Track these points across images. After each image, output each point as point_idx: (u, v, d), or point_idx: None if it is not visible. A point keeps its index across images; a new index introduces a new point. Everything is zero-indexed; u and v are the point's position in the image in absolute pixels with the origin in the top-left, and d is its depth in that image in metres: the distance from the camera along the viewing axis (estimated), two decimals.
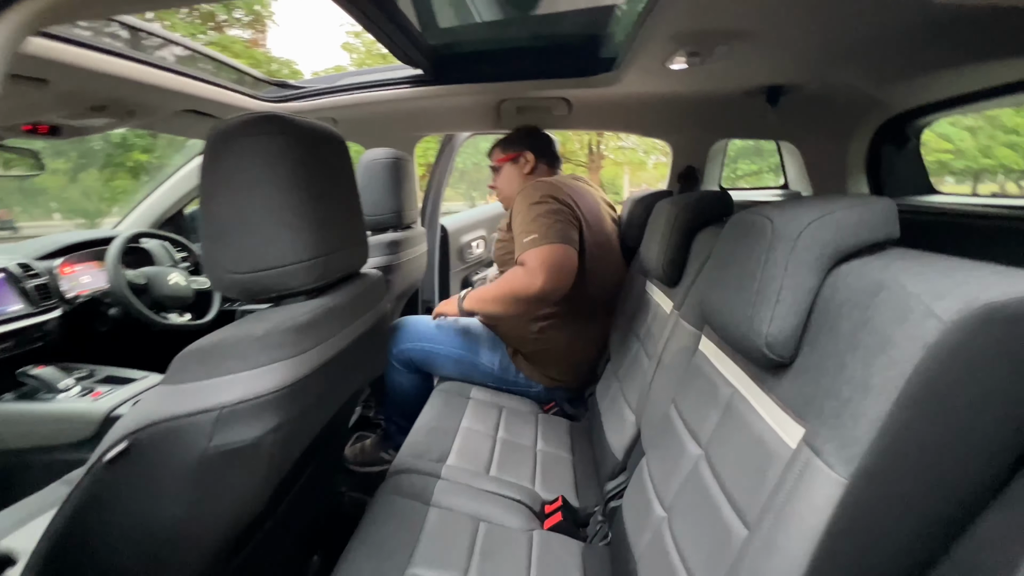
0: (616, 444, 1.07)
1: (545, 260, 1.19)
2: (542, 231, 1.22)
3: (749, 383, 0.63)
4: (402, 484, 0.99)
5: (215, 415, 0.53)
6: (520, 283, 1.22)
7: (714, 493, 0.62)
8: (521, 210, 1.30)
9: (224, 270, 0.62)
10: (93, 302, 1.53)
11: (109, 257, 1.46)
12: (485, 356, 1.46)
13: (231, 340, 0.56)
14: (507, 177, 1.55)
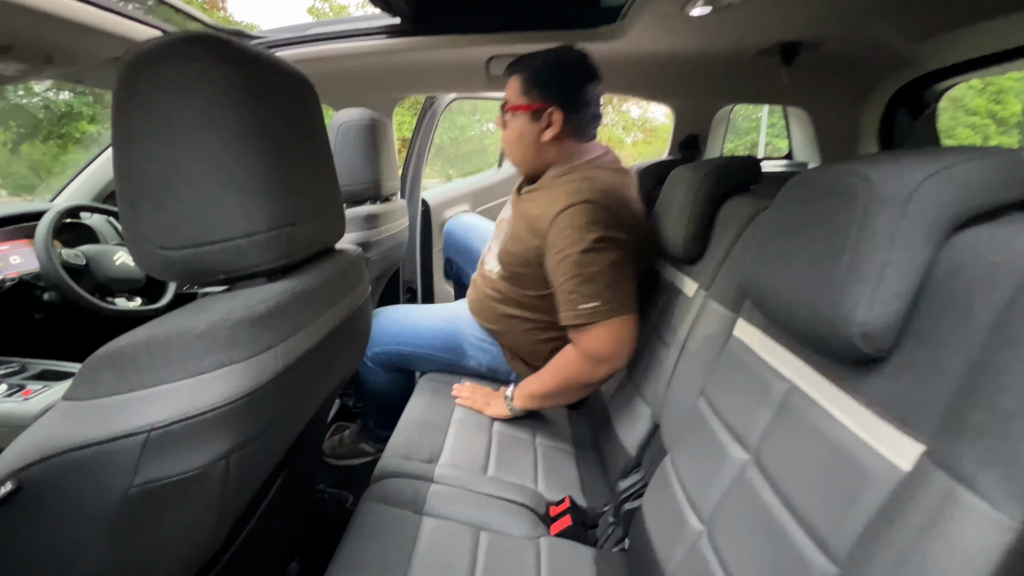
0: (628, 439, 0.97)
1: (612, 340, 0.94)
2: (606, 296, 0.92)
3: (817, 379, 0.53)
4: (389, 490, 0.87)
5: (141, 440, 0.39)
6: (580, 373, 0.99)
7: (777, 513, 0.51)
8: (567, 251, 0.94)
9: (151, 244, 0.47)
10: (24, 286, 1.33)
11: (38, 234, 1.26)
12: (472, 358, 1.27)
13: (161, 338, 0.41)
14: (517, 133, 1.08)
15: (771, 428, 0.57)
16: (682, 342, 0.84)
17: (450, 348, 1.26)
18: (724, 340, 0.74)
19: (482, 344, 1.26)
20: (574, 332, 0.99)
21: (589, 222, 0.93)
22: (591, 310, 0.93)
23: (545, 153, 1.08)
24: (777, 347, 0.61)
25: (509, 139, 1.11)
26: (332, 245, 0.68)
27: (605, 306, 0.93)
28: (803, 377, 0.55)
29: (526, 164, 1.12)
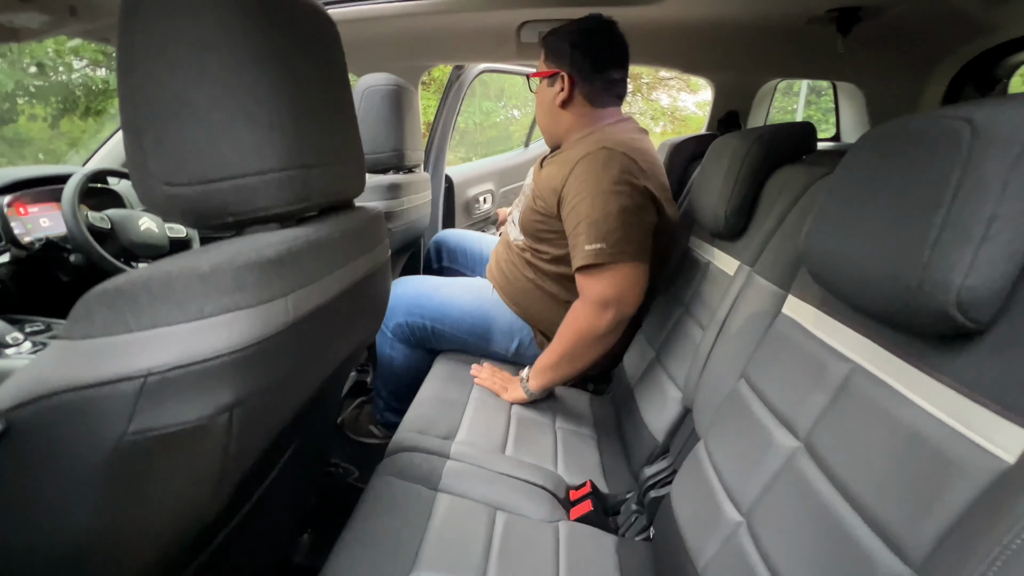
0: (655, 424, 0.91)
1: (617, 283, 0.93)
2: (612, 239, 0.92)
3: (887, 358, 0.46)
4: (404, 465, 0.84)
5: (137, 385, 0.36)
6: (586, 323, 0.97)
7: (834, 506, 0.46)
8: (582, 194, 0.94)
9: (155, 180, 0.43)
10: (53, 247, 1.34)
11: (65, 196, 1.26)
12: (498, 344, 1.22)
13: (161, 277, 0.38)
14: (540, 100, 1.12)
15: (827, 413, 0.51)
16: (721, 322, 0.78)
17: (476, 332, 1.21)
18: (771, 319, 0.68)
19: (511, 329, 1.20)
20: (581, 279, 0.98)
21: (603, 167, 0.95)
22: (595, 251, 0.93)
23: (560, 118, 1.10)
24: (836, 325, 0.55)
25: (538, 107, 1.15)
26: (350, 200, 0.64)
27: (610, 249, 0.92)
28: (869, 356, 0.49)
29: (549, 130, 1.15)
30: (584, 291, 0.98)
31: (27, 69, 6.41)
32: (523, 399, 1.10)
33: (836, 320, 0.55)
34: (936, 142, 0.40)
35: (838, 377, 0.52)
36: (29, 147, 6.92)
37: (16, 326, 1.13)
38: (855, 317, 0.53)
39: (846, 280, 0.49)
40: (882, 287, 0.43)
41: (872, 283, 0.44)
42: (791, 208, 0.71)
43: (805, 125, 0.84)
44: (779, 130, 0.83)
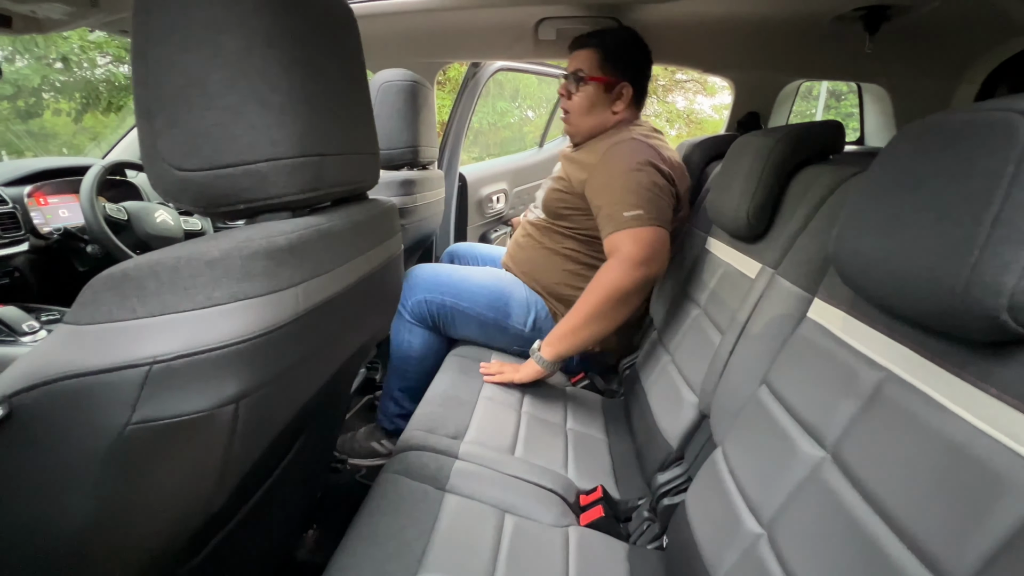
0: (669, 429, 0.89)
1: (651, 243, 1.01)
2: (646, 206, 1.01)
3: (925, 366, 0.44)
4: (412, 463, 0.82)
5: (141, 373, 0.35)
6: (618, 279, 1.01)
7: (865, 521, 0.43)
8: (613, 172, 1.06)
9: (167, 164, 0.42)
10: (70, 238, 1.35)
11: (83, 187, 1.27)
12: (516, 317, 1.23)
13: (169, 263, 0.37)
14: (589, 103, 1.19)
15: (857, 423, 0.49)
16: (741, 325, 0.75)
17: (494, 306, 1.23)
18: (795, 323, 0.65)
19: (527, 302, 1.23)
20: (613, 239, 1.04)
21: (633, 151, 1.07)
22: (633, 216, 1.01)
23: (608, 122, 1.20)
24: (867, 330, 0.52)
25: (579, 107, 1.20)
26: (364, 191, 0.62)
27: (647, 214, 1.01)
28: (903, 364, 0.46)
29: (590, 131, 1.21)
30: (619, 251, 1.03)
31: (53, 64, 6.56)
32: (538, 372, 1.11)
33: (867, 325, 0.52)
34: (986, 136, 0.37)
35: (869, 385, 0.49)
36: (54, 141, 7.07)
37: (32, 314, 1.14)
38: (888, 322, 0.50)
39: (880, 282, 0.46)
40: (922, 290, 0.40)
41: (910, 286, 0.42)
42: (818, 208, 0.68)
43: (833, 124, 0.81)
44: (805, 128, 0.80)
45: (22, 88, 6.25)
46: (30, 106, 6.78)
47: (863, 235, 0.48)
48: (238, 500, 0.54)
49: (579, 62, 1.18)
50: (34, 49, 6.03)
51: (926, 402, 0.42)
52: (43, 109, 6.89)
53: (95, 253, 1.32)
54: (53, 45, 6.10)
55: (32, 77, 6.35)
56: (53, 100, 6.97)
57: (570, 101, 1.21)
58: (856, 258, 0.49)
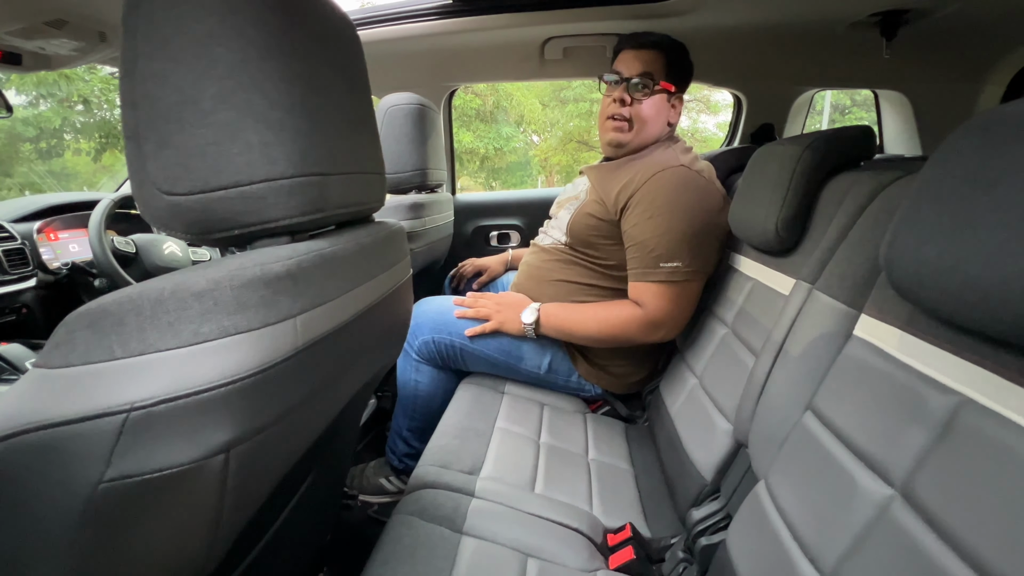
0: (703, 460, 0.82)
1: (678, 303, 0.96)
2: (686, 258, 0.94)
3: (1010, 389, 0.38)
4: (426, 503, 0.77)
5: (118, 422, 0.31)
6: (636, 334, 0.98)
7: (950, 569, 0.37)
8: (658, 208, 0.95)
9: (156, 189, 0.39)
10: (78, 272, 1.34)
11: (92, 221, 1.26)
12: (530, 360, 1.15)
13: (153, 295, 0.33)
14: (655, 112, 1.06)
15: (930, 455, 0.43)
16: (778, 346, 0.69)
17: (506, 350, 1.14)
18: (841, 342, 0.59)
19: (541, 345, 1.14)
20: (642, 290, 0.98)
21: (683, 185, 0.97)
22: (670, 269, 0.94)
23: (660, 132, 1.10)
24: (931, 349, 0.47)
25: (647, 115, 1.07)
26: (370, 213, 0.59)
27: (686, 268, 0.95)
28: (982, 387, 0.40)
29: (648, 140, 1.10)
30: (644, 302, 0.98)
31: (74, 106, 6.82)
32: (520, 331, 1.08)
33: (930, 343, 0.47)
34: None
35: (941, 411, 0.43)
36: (75, 180, 7.29)
37: (36, 351, 1.12)
38: (955, 338, 0.44)
39: (950, 294, 0.41)
40: (1009, 301, 0.35)
41: (992, 297, 0.36)
42: (857, 217, 0.63)
43: (864, 128, 0.77)
44: (834, 134, 0.76)
45: (44, 130, 6.49)
46: (52, 147, 7.03)
47: (925, 242, 0.43)
48: (236, 556, 0.49)
49: (646, 64, 1.04)
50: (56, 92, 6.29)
51: (1018, 431, 0.37)
52: (64, 149, 7.14)
53: (102, 287, 1.31)
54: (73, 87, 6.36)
55: (54, 119, 6.60)
56: (74, 141, 7.22)
57: (631, 107, 1.06)
58: (915, 268, 0.44)
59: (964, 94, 1.20)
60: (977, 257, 0.37)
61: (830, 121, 9.43)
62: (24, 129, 6.19)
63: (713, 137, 10.28)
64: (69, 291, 1.35)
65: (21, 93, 5.82)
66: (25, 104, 6.09)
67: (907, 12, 1.08)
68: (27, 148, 6.56)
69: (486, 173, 10.24)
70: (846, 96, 8.50)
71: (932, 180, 0.44)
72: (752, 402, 0.72)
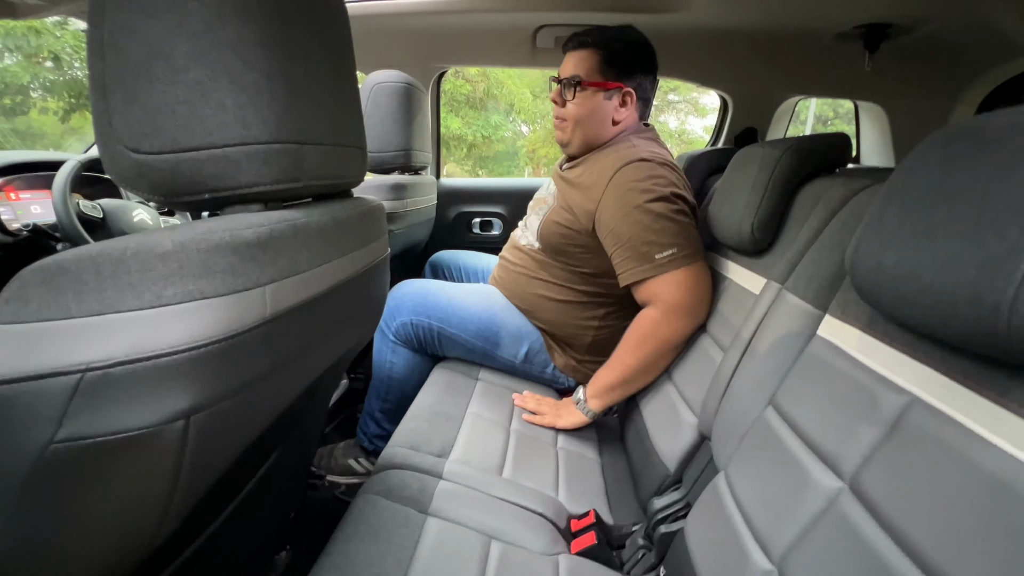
0: (666, 451, 0.84)
1: (695, 285, 0.90)
2: (681, 242, 0.90)
3: (956, 390, 0.40)
4: (392, 483, 0.77)
5: (71, 382, 0.30)
6: (671, 332, 0.91)
7: (891, 560, 0.39)
8: (630, 204, 0.92)
9: (122, 147, 0.37)
10: (40, 235, 1.28)
11: (56, 183, 1.20)
12: (507, 348, 1.15)
13: (114, 255, 0.32)
14: (588, 111, 1.04)
15: (878, 451, 0.45)
16: (745, 343, 0.71)
17: (483, 335, 1.14)
18: (804, 341, 0.61)
19: (519, 334, 1.14)
20: (651, 286, 0.93)
21: (648, 175, 0.94)
22: (669, 257, 0.90)
23: (610, 131, 1.07)
24: (887, 350, 0.49)
25: (576, 114, 1.06)
26: (348, 188, 0.58)
27: (683, 251, 0.90)
28: (932, 388, 0.42)
29: (590, 141, 1.08)
30: (661, 300, 0.92)
31: (43, 63, 6.47)
32: (583, 422, 1.03)
33: (887, 344, 0.49)
34: None
35: (892, 410, 0.45)
36: (40, 141, 6.94)
37: None
38: (911, 341, 0.46)
39: (907, 299, 0.42)
40: (958, 308, 0.37)
41: (943, 303, 0.38)
42: (828, 221, 0.65)
43: (841, 136, 0.79)
44: (812, 140, 0.78)
45: (9, 85, 6.14)
46: (16, 104, 6.66)
47: (887, 248, 0.45)
48: (193, 528, 0.48)
49: (575, 65, 1.05)
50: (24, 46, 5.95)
51: (960, 431, 0.38)
52: (30, 107, 6.78)
53: None
54: (44, 43, 6.03)
55: (21, 75, 6.25)
56: (41, 99, 6.86)
57: (563, 108, 1.07)
58: (878, 273, 0.46)
59: (938, 111, 1.24)
60: (932, 265, 0.39)
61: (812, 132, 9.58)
62: None
63: (700, 140, 10.39)
64: (28, 254, 1.29)
65: None
66: None
67: (890, 27, 1.11)
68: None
69: (473, 161, 10.14)
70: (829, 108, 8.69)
71: (897, 189, 0.46)
72: (717, 397, 0.74)
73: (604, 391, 1.00)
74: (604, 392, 1.01)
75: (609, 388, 1.00)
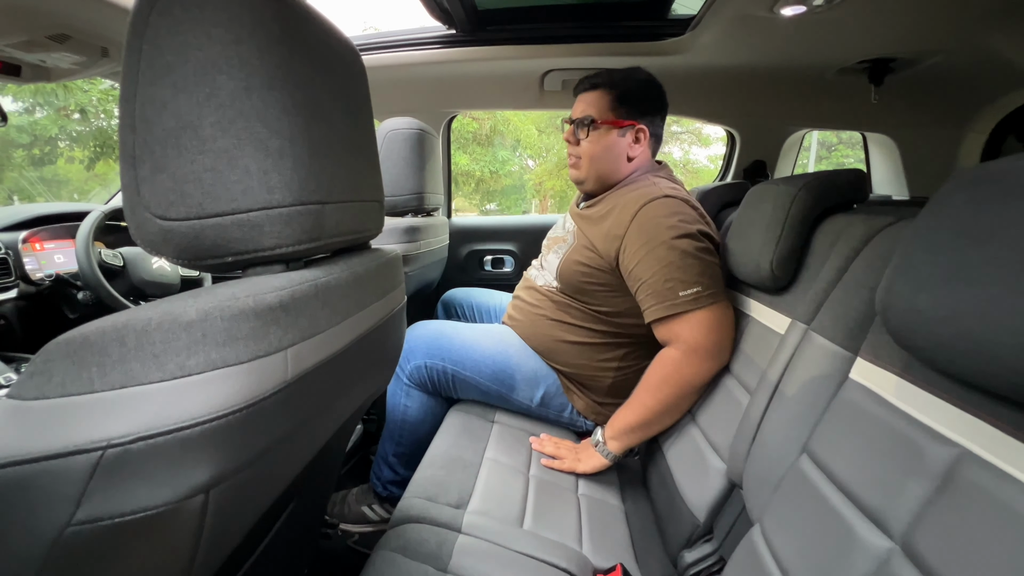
0: (695, 499, 0.80)
1: (718, 327, 0.88)
2: (705, 282, 0.89)
3: (1009, 443, 0.38)
4: (410, 539, 0.74)
5: (91, 460, 0.29)
6: (693, 374, 0.89)
7: None
8: (655, 240, 0.92)
9: (149, 213, 0.38)
10: (63, 284, 1.31)
11: (80, 232, 1.24)
12: (522, 392, 1.12)
13: (138, 325, 0.32)
14: (604, 147, 1.06)
15: (930, 509, 0.42)
16: (773, 385, 0.69)
17: (499, 379, 1.11)
18: (836, 384, 0.59)
19: (536, 376, 1.12)
20: (672, 326, 0.91)
21: (672, 213, 0.94)
22: (693, 296, 0.89)
23: (625, 168, 1.09)
24: (928, 397, 0.46)
25: (591, 152, 1.08)
26: (367, 241, 0.58)
27: (707, 291, 0.89)
28: (984, 441, 0.40)
29: (605, 178, 1.10)
30: (683, 341, 0.90)
31: (71, 115, 6.81)
32: (604, 466, 1.00)
33: (927, 391, 0.46)
34: None
35: (941, 463, 0.43)
36: (65, 187, 7.25)
37: (12, 365, 1.08)
38: (954, 388, 0.44)
39: (946, 345, 0.41)
40: (1004, 357, 0.35)
41: (986, 350, 0.36)
42: (851, 260, 0.64)
43: (857, 172, 0.79)
44: (829, 176, 0.77)
45: (39, 137, 6.46)
46: (45, 154, 6.99)
47: (920, 291, 0.43)
48: None
49: (587, 105, 1.07)
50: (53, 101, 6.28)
51: (1013, 484, 0.36)
52: (57, 157, 7.10)
53: (86, 300, 1.28)
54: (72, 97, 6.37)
55: (50, 127, 6.58)
56: (68, 148, 7.20)
57: (578, 147, 1.09)
58: (913, 317, 0.44)
59: (947, 140, 1.24)
60: (970, 310, 0.38)
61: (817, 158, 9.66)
62: (18, 136, 6.16)
63: (704, 169, 10.51)
64: (50, 303, 1.31)
65: (18, 100, 5.81)
66: (21, 111, 6.08)
67: (893, 60, 1.12)
68: (19, 154, 6.52)
69: (481, 195, 10.34)
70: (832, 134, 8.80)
71: (925, 230, 0.45)
72: (747, 442, 0.71)
73: (623, 432, 0.97)
74: (623, 434, 0.97)
75: (628, 430, 0.97)
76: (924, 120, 1.27)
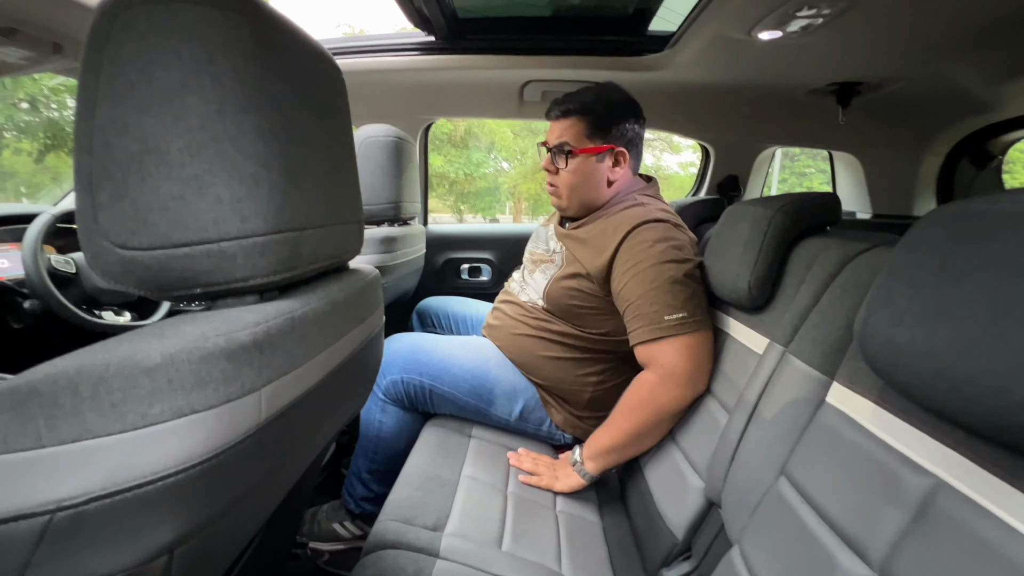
0: (674, 517, 0.81)
1: (698, 354, 0.88)
2: (690, 308, 0.89)
3: (983, 477, 0.39)
4: (386, 566, 0.71)
5: (39, 525, 0.26)
6: (669, 399, 0.89)
7: None
8: (645, 262, 0.92)
9: (107, 242, 0.35)
10: (6, 292, 1.22)
11: (27, 237, 1.16)
12: (500, 407, 1.11)
13: (94, 372, 0.29)
14: (583, 175, 1.05)
15: (907, 538, 0.43)
16: (751, 405, 0.70)
17: (478, 393, 1.10)
18: (813, 408, 0.60)
19: (514, 391, 1.10)
20: (653, 349, 0.91)
21: (662, 237, 0.94)
22: (677, 321, 0.89)
23: (606, 193, 1.08)
24: (903, 425, 0.48)
25: (571, 181, 1.07)
26: (345, 263, 0.56)
27: (691, 318, 0.89)
28: (959, 473, 0.41)
29: (588, 204, 1.09)
30: (661, 364, 0.90)
31: (19, 104, 6.40)
32: (581, 486, 0.99)
33: (903, 420, 0.48)
34: None
35: (917, 493, 0.44)
36: (11, 180, 6.80)
37: None
38: (929, 419, 0.45)
39: (922, 380, 0.42)
40: (981, 398, 0.36)
41: (964, 388, 0.37)
42: (827, 284, 0.65)
43: (830, 196, 0.81)
44: (803, 199, 0.79)
45: None
46: None
47: (897, 324, 0.44)
48: None
49: (562, 132, 1.05)
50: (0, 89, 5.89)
51: (994, 523, 0.37)
52: (2, 148, 6.66)
53: (33, 309, 1.19)
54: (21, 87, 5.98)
55: None
56: (15, 140, 6.76)
57: (556, 176, 1.07)
58: (890, 349, 0.45)
59: (907, 161, 1.30)
60: (948, 347, 0.39)
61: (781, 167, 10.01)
62: None
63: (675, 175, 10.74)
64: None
65: None
66: None
67: (860, 84, 1.17)
68: None
69: (455, 197, 10.27)
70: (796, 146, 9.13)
71: (904, 263, 0.46)
72: (725, 462, 0.72)
73: (600, 454, 0.97)
74: (600, 455, 0.97)
75: (605, 451, 0.96)
76: (886, 142, 1.32)
